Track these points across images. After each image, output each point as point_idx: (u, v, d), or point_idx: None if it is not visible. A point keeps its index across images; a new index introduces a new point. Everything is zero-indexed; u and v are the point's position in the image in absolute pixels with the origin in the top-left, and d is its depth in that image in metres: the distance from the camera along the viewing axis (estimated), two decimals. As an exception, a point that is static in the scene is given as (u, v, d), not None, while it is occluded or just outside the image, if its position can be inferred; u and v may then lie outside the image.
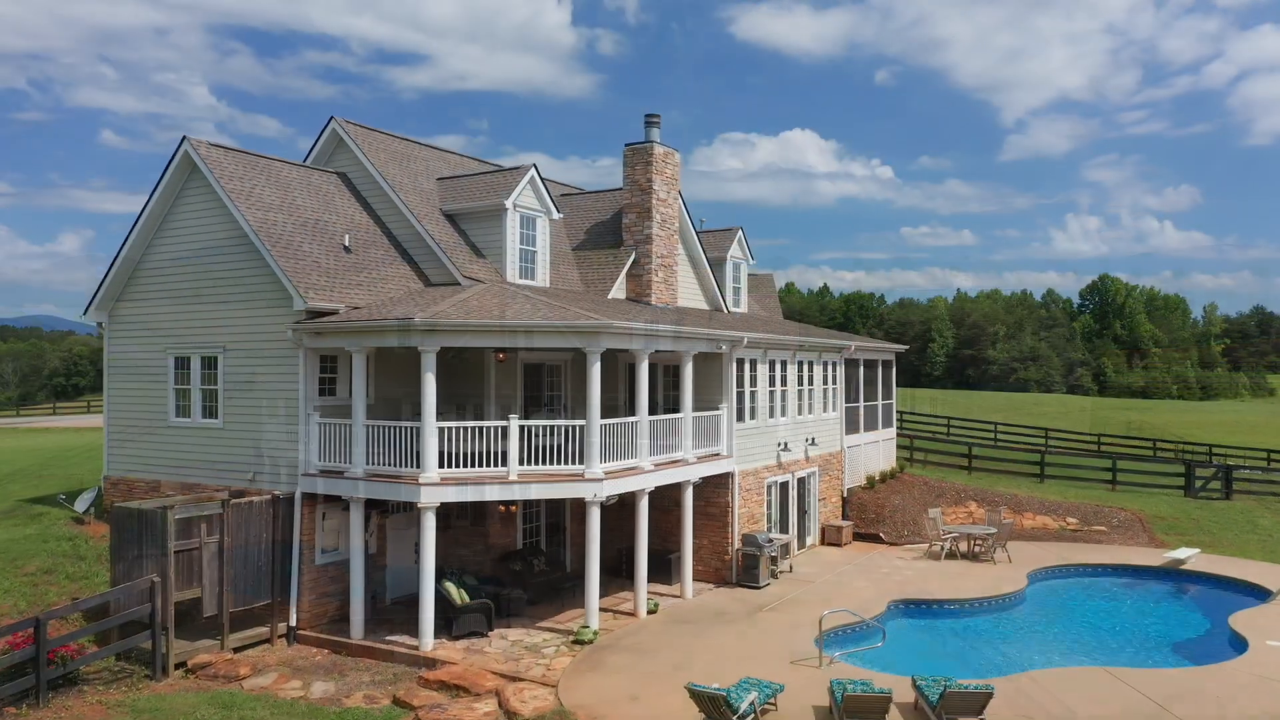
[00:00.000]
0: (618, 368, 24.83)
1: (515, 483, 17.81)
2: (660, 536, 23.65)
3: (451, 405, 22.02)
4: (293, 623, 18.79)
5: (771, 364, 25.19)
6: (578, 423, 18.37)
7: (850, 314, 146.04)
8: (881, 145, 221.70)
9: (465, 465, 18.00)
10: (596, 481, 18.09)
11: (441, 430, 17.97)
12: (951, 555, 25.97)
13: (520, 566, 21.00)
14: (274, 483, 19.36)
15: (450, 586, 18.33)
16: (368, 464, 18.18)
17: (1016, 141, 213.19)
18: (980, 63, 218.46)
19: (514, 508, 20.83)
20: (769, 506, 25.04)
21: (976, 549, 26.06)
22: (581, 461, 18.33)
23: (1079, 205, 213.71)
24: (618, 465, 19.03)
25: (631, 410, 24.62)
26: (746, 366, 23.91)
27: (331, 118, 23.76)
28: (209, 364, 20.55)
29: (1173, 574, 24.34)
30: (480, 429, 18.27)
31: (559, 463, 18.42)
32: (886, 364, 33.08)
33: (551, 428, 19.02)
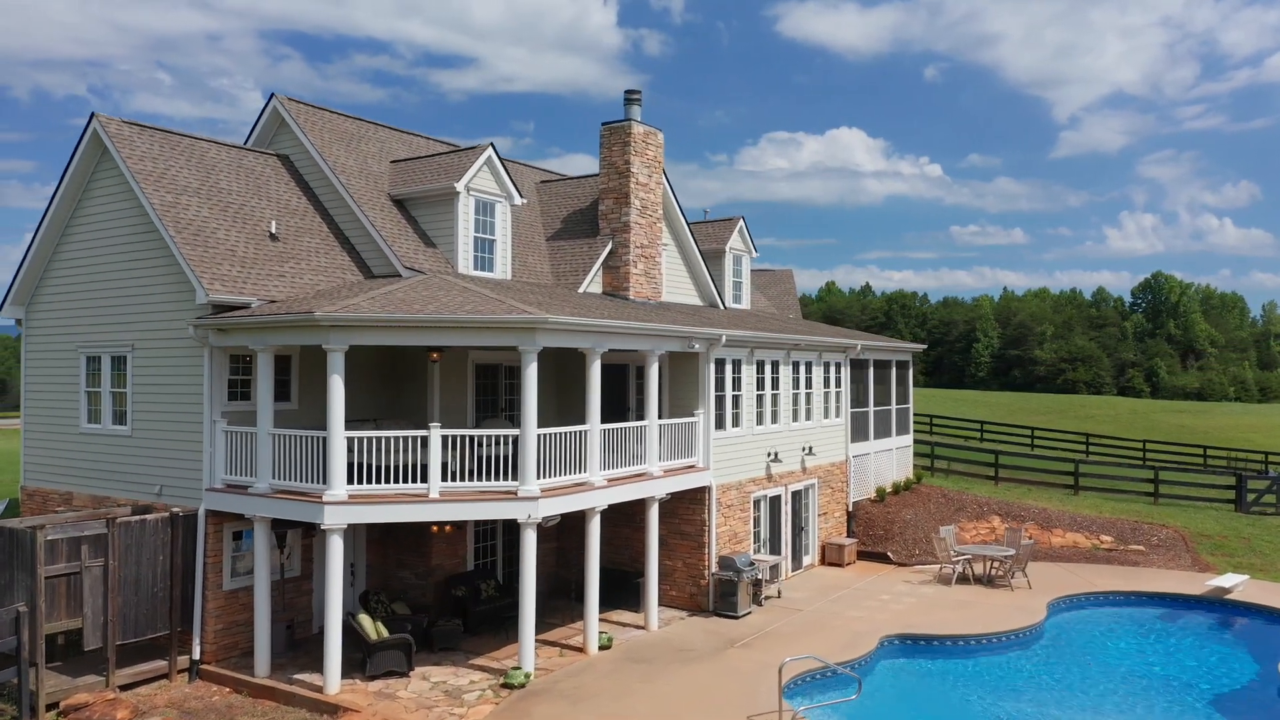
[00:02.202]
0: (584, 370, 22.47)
1: (436, 501, 15.50)
2: (631, 557, 21.26)
3: (391, 413, 19.82)
4: (196, 656, 16.68)
5: (759, 365, 22.63)
6: (511, 432, 16.02)
7: (892, 313, 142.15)
8: (930, 143, 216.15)
9: (389, 481, 15.78)
10: (531, 500, 15.72)
11: (355, 441, 15.77)
12: (964, 579, 23.21)
13: (464, 592, 18.70)
14: (181, 497, 17.28)
15: (365, 619, 16.07)
16: (273, 478, 16.00)
17: (1069, 138, 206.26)
18: (1032, 58, 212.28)
19: (449, 527, 18.52)
20: (756, 524, 22.50)
21: (993, 572, 23.29)
22: (516, 477, 16.00)
23: (1134, 202, 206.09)
24: (562, 481, 16.67)
25: (602, 416, 22.26)
26: (728, 368, 21.39)
27: (272, 95, 21.68)
28: (118, 364, 18.56)
29: (1216, 605, 21.37)
30: (402, 439, 16.01)
31: (496, 478, 16.12)
32: (901, 365, 30.30)
33: (495, 438, 16.70)
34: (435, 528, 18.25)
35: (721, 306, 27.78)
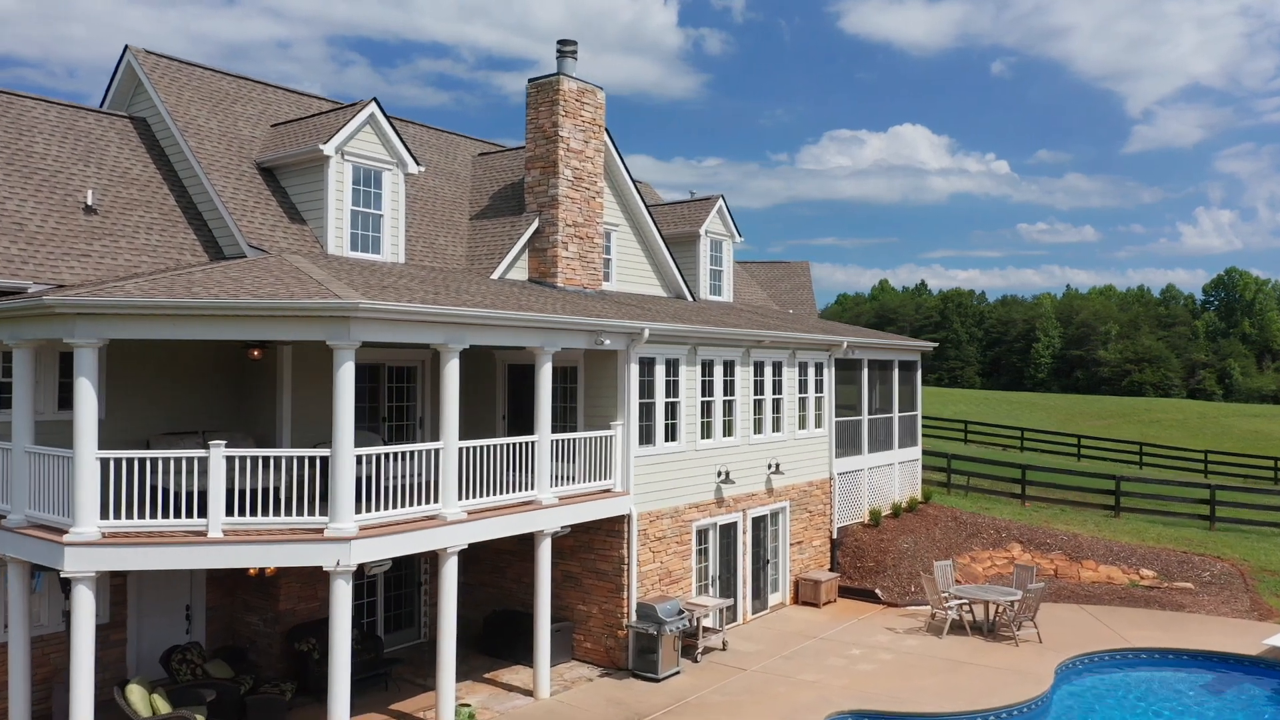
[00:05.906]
0: (495, 369, 18.85)
1: (218, 543, 11.93)
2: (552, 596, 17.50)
3: (231, 423, 16.36)
4: (-46, 727, 13.39)
5: (706, 366, 18.73)
6: (318, 453, 12.37)
7: (947, 312, 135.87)
8: (997, 139, 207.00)
9: (179, 514, 12.31)
10: (340, 542, 12.07)
11: (114, 462, 12.33)
12: (959, 627, 19.04)
13: (309, 646, 15.11)
14: (-51, 528, 14.01)
15: (134, 690, 12.57)
16: (29, 508, 12.61)
17: (1142, 132, 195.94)
18: (1103, 50, 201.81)
19: (271, 570, 14.94)
20: (702, 558, 18.60)
21: (997, 618, 19.05)
22: (324, 512, 12.37)
23: (1210, 198, 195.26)
24: (399, 514, 13.00)
25: (516, 427, 18.64)
26: (660, 369, 17.54)
27: (126, 46, 18.42)
28: (-100, 364, 15.37)
29: (1277, 669, 16.93)
30: (188, 461, 12.50)
31: (299, 513, 12.52)
32: (905, 365, 26.08)
33: (313, 459, 13.07)
34: (253, 571, 14.69)
35: (691, 299, 23.92)
